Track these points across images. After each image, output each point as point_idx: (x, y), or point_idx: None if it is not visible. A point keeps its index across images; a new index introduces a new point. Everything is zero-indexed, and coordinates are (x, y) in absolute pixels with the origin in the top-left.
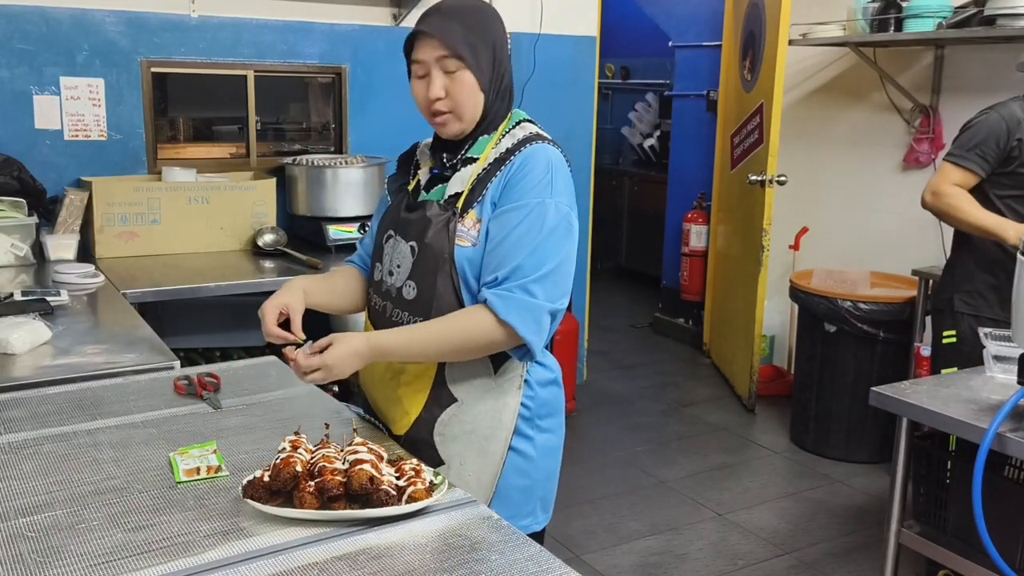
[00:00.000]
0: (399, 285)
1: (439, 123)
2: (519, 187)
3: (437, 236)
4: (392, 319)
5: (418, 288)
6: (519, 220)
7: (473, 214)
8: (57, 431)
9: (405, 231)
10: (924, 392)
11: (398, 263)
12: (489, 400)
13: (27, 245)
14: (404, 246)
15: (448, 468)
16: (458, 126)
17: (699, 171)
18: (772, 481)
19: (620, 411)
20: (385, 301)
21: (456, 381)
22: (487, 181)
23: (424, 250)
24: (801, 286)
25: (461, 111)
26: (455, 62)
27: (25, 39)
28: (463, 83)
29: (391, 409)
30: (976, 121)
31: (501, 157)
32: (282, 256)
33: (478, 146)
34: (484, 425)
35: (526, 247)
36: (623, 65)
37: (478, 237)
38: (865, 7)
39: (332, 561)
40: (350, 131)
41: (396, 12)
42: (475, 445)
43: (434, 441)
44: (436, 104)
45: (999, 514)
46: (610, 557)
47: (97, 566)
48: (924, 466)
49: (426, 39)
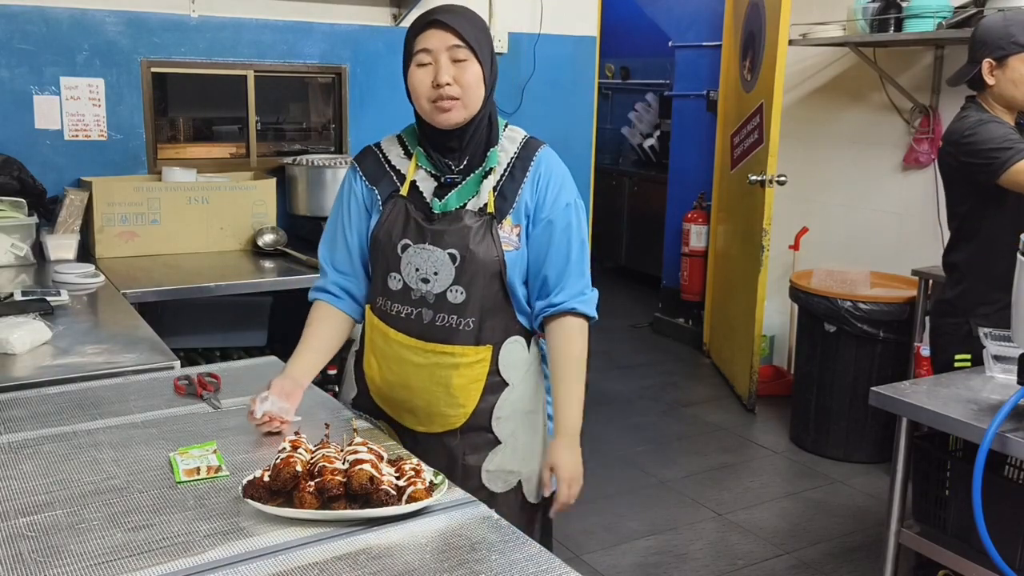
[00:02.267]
0: (440, 291)
1: (445, 108)
2: (553, 193)
3: (483, 242)
4: (437, 323)
5: (467, 292)
6: (567, 226)
7: (509, 220)
8: (57, 431)
9: (439, 239)
10: (924, 392)
11: (434, 270)
12: (530, 377)
13: (27, 245)
14: (440, 254)
15: (505, 446)
16: (463, 114)
17: (699, 171)
18: (772, 481)
19: (620, 411)
20: (419, 308)
21: (506, 367)
22: (515, 189)
23: (470, 256)
24: (801, 286)
25: (468, 98)
26: (466, 51)
27: (25, 39)
28: (471, 72)
29: (439, 408)
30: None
31: (516, 163)
32: (282, 256)
33: (492, 157)
34: (529, 400)
35: (580, 248)
36: (623, 65)
37: (519, 241)
38: (865, 7)
39: (332, 561)
40: (350, 131)
41: (396, 12)
42: (525, 419)
43: (491, 426)
44: (446, 89)
45: (999, 514)
46: (610, 557)
47: (97, 566)
48: (924, 466)
49: (438, 29)
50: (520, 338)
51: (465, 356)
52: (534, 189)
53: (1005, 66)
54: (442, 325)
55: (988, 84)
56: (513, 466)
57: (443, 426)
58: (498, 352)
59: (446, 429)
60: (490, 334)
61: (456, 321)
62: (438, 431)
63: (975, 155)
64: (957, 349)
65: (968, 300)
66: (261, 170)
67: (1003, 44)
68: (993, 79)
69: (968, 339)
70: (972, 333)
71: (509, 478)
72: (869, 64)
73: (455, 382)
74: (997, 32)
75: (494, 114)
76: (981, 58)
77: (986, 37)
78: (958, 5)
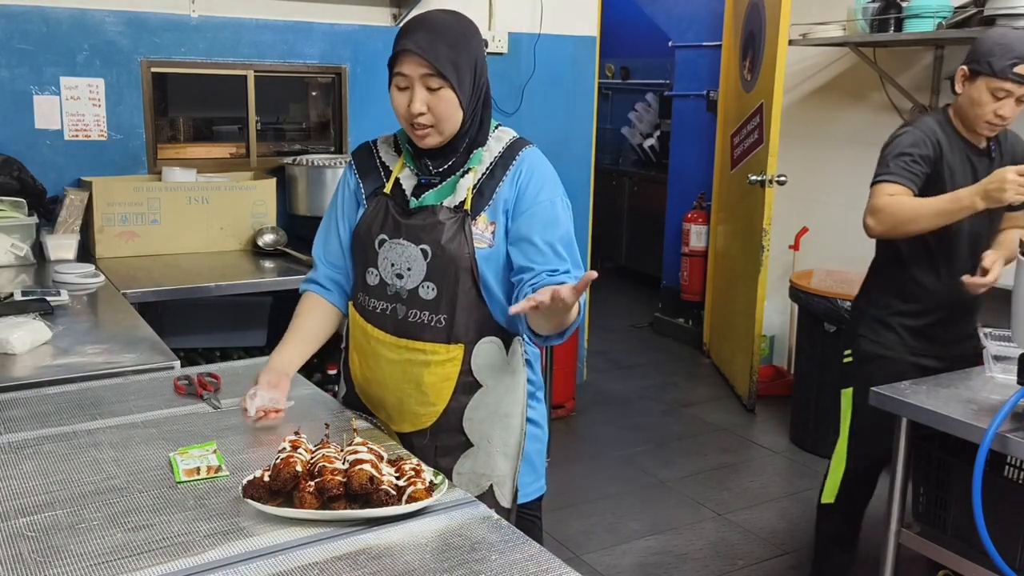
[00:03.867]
0: (413, 287)
1: (419, 135)
2: (534, 189)
3: (454, 239)
4: (410, 319)
5: (438, 288)
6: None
7: (484, 217)
8: (57, 431)
9: (413, 235)
10: (924, 392)
11: (407, 266)
12: (506, 379)
13: (27, 245)
14: (413, 249)
15: (477, 449)
16: (438, 139)
17: (699, 171)
18: (772, 481)
19: (620, 411)
20: (394, 304)
21: (479, 368)
22: (493, 187)
23: (440, 252)
24: (801, 286)
25: (442, 126)
26: (438, 80)
27: (25, 39)
28: (445, 100)
29: (410, 406)
30: (898, 136)
31: (498, 162)
32: (282, 256)
33: (475, 158)
34: (505, 402)
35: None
36: (623, 65)
37: (493, 239)
38: (865, 7)
39: (332, 561)
40: (350, 131)
41: (396, 12)
42: (499, 422)
43: (463, 427)
44: (419, 118)
45: (999, 514)
46: (610, 557)
47: (97, 566)
48: (924, 466)
49: (411, 56)
50: (496, 339)
51: (436, 353)
52: (513, 185)
53: (973, 82)
54: (414, 321)
55: (955, 92)
56: (485, 469)
57: (414, 425)
58: (471, 352)
59: (417, 428)
60: (463, 332)
61: (428, 317)
62: (408, 430)
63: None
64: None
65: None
66: (261, 170)
67: (979, 59)
68: (961, 89)
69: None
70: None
71: (481, 481)
72: (869, 64)
73: (426, 380)
74: (985, 46)
75: (486, 119)
76: (963, 64)
77: (977, 45)
78: (958, 5)
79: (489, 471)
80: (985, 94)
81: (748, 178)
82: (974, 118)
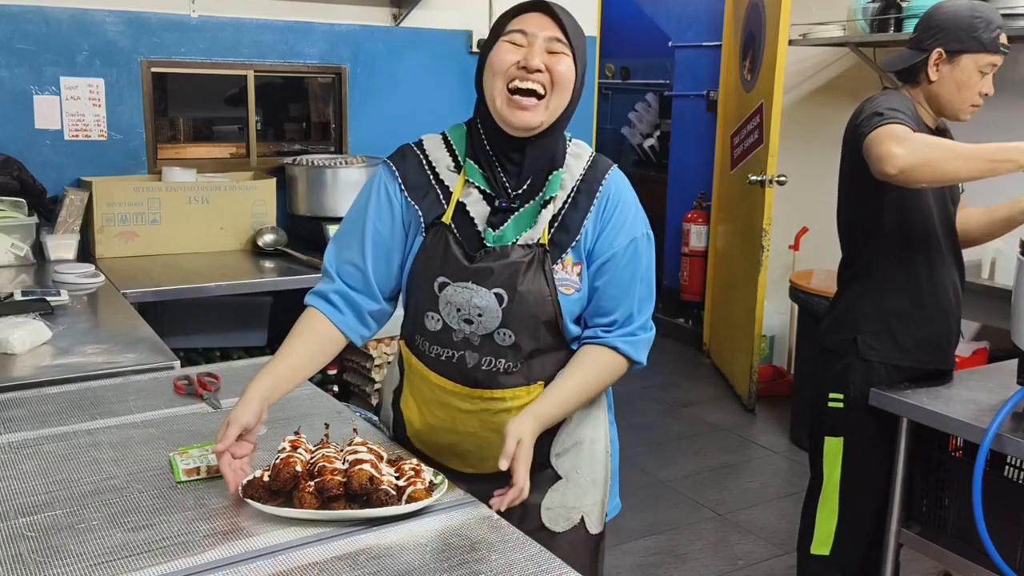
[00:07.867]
0: (486, 332)
1: (524, 106)
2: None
3: (533, 283)
4: (483, 367)
5: (515, 335)
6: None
7: (570, 259)
8: (57, 431)
9: (482, 277)
10: (924, 392)
11: (479, 311)
12: (591, 409)
13: (27, 245)
14: (485, 293)
15: (567, 481)
16: (541, 116)
17: (699, 171)
18: (772, 481)
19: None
20: (463, 351)
21: None
22: (579, 221)
23: (518, 298)
24: (801, 286)
25: (553, 96)
26: (563, 46)
27: (25, 39)
28: (566, 66)
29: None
30: (881, 97)
31: (581, 187)
32: (282, 256)
33: (554, 182)
34: (589, 432)
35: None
36: (623, 65)
37: (580, 282)
38: (865, 7)
39: (332, 561)
40: (350, 131)
41: (396, 12)
42: (585, 452)
43: (551, 462)
44: (536, 76)
45: (999, 514)
46: (610, 557)
47: (97, 566)
48: (924, 466)
49: (543, 14)
50: None
51: (517, 399)
52: (598, 220)
53: (955, 63)
54: (488, 369)
55: (929, 79)
56: (575, 502)
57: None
58: None
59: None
60: (540, 370)
61: (504, 365)
62: (489, 471)
63: (864, 120)
64: (833, 380)
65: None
66: (261, 170)
67: (962, 37)
68: (937, 74)
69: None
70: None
71: (572, 515)
72: (869, 64)
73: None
74: (960, 22)
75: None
76: (932, 47)
77: (946, 24)
78: None
79: (579, 503)
80: (975, 74)
81: (748, 178)
82: (960, 102)
